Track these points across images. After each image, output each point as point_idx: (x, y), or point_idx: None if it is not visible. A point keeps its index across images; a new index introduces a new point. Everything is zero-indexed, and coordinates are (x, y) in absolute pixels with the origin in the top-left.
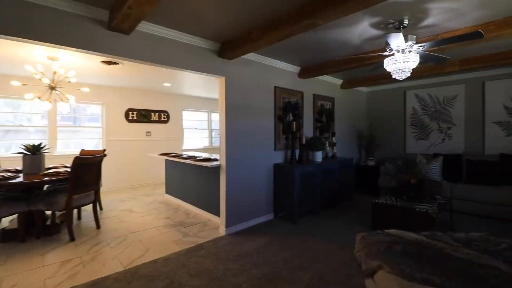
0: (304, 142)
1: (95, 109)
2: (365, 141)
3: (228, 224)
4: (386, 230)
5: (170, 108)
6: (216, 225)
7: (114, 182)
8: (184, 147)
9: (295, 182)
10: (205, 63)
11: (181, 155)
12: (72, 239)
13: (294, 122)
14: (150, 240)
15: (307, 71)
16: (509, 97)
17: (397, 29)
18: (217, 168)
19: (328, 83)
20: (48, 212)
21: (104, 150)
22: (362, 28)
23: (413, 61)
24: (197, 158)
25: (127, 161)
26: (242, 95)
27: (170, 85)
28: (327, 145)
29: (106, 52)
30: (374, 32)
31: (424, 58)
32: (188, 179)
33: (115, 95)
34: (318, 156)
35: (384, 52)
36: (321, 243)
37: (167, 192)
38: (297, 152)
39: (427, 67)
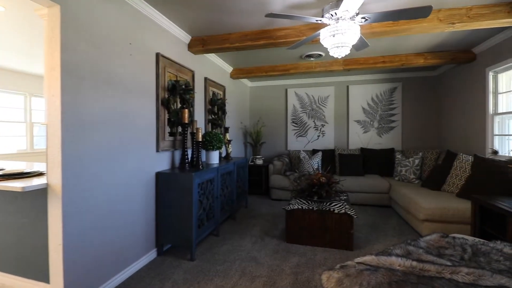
0: (200, 139)
1: None
2: (251, 139)
3: None
4: (359, 260)
5: None
6: None
7: None
8: None
9: (193, 196)
10: None
11: None
12: None
13: (186, 110)
14: None
15: (200, 43)
16: (365, 100)
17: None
18: (42, 191)
19: (220, 68)
20: None
21: None
22: None
23: (354, 33)
24: None
25: None
26: (97, 54)
27: None
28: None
29: None
30: None
31: None
32: None
33: None
34: (214, 157)
35: (320, 18)
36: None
37: None
38: (189, 152)
39: (319, 62)
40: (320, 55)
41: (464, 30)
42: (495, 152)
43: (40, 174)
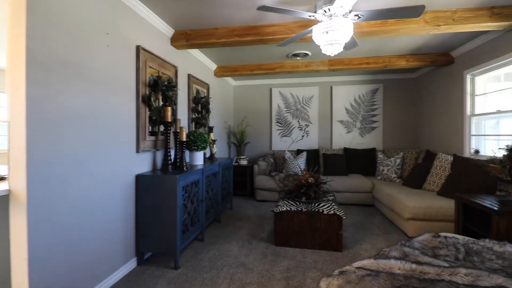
0: (184, 139)
1: None
2: (235, 139)
3: None
4: (358, 265)
5: None
6: None
7: None
8: None
9: (177, 200)
10: None
11: None
12: None
13: (169, 108)
14: None
15: (184, 37)
16: (348, 100)
17: None
18: (4, 198)
19: (204, 65)
20: None
21: None
22: None
23: (347, 30)
24: None
25: None
26: (70, 43)
27: None
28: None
29: None
30: None
31: None
32: None
33: None
34: (199, 158)
35: (314, 14)
36: None
37: None
38: (172, 153)
39: (305, 62)
40: (307, 54)
41: (444, 33)
42: (477, 152)
43: (1, 178)
